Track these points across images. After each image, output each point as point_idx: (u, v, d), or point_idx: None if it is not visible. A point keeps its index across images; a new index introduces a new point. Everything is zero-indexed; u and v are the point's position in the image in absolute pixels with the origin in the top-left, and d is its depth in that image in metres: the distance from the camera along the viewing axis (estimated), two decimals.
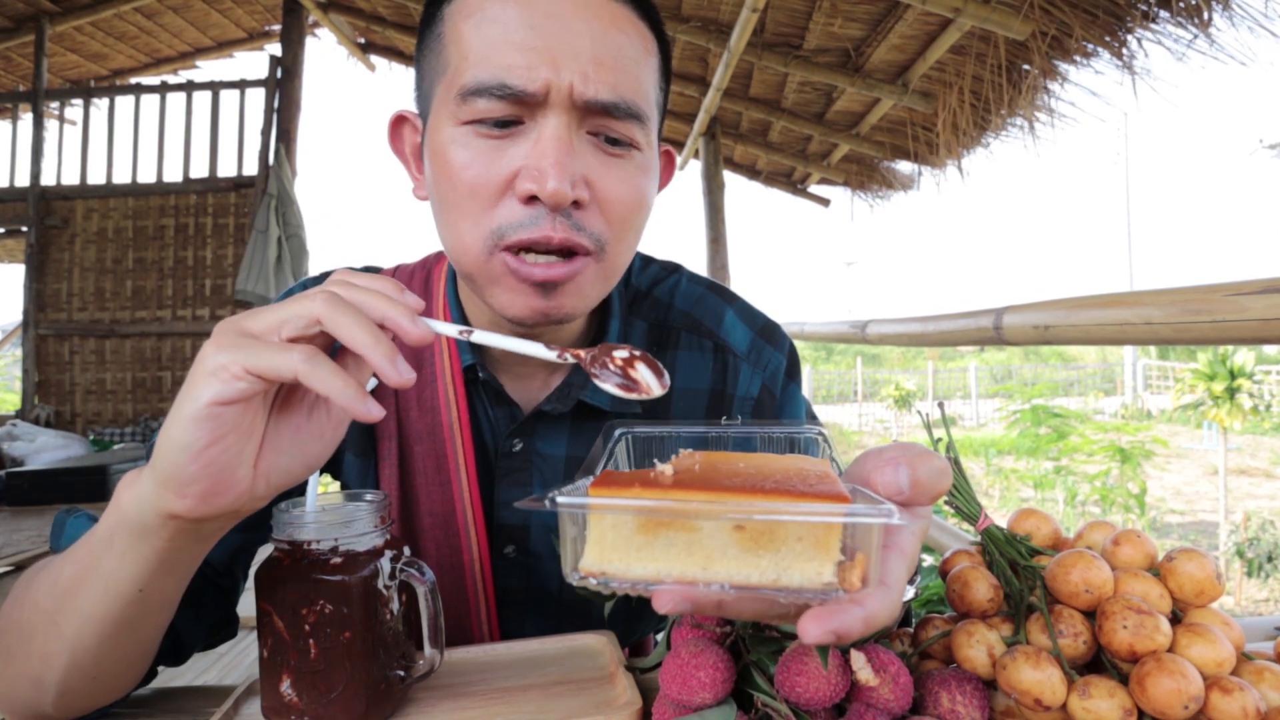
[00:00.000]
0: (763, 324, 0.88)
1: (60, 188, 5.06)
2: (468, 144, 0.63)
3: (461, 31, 0.63)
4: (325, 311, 0.46)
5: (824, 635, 0.37)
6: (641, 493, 0.38)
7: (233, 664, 2.95)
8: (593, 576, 0.39)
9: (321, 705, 0.54)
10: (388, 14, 5.09)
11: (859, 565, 0.37)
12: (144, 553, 0.50)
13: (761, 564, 0.38)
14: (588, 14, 0.62)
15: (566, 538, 0.40)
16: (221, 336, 0.45)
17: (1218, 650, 0.49)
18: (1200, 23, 2.20)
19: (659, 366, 0.53)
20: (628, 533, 0.39)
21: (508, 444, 0.79)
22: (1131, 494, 7.34)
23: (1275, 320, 0.95)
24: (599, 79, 0.61)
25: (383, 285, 0.49)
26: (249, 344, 0.45)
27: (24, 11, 4.97)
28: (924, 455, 0.43)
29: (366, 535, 0.56)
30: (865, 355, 24.72)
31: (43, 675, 0.55)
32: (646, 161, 0.68)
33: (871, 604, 0.38)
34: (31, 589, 0.56)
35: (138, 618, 0.54)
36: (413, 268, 0.86)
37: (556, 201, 0.61)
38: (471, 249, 0.65)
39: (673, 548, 0.38)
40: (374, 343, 0.45)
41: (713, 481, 0.39)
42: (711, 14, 3.59)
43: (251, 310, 0.48)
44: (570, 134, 0.62)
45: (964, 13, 2.69)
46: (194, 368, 0.45)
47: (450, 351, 0.79)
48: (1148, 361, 21.36)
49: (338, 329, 0.45)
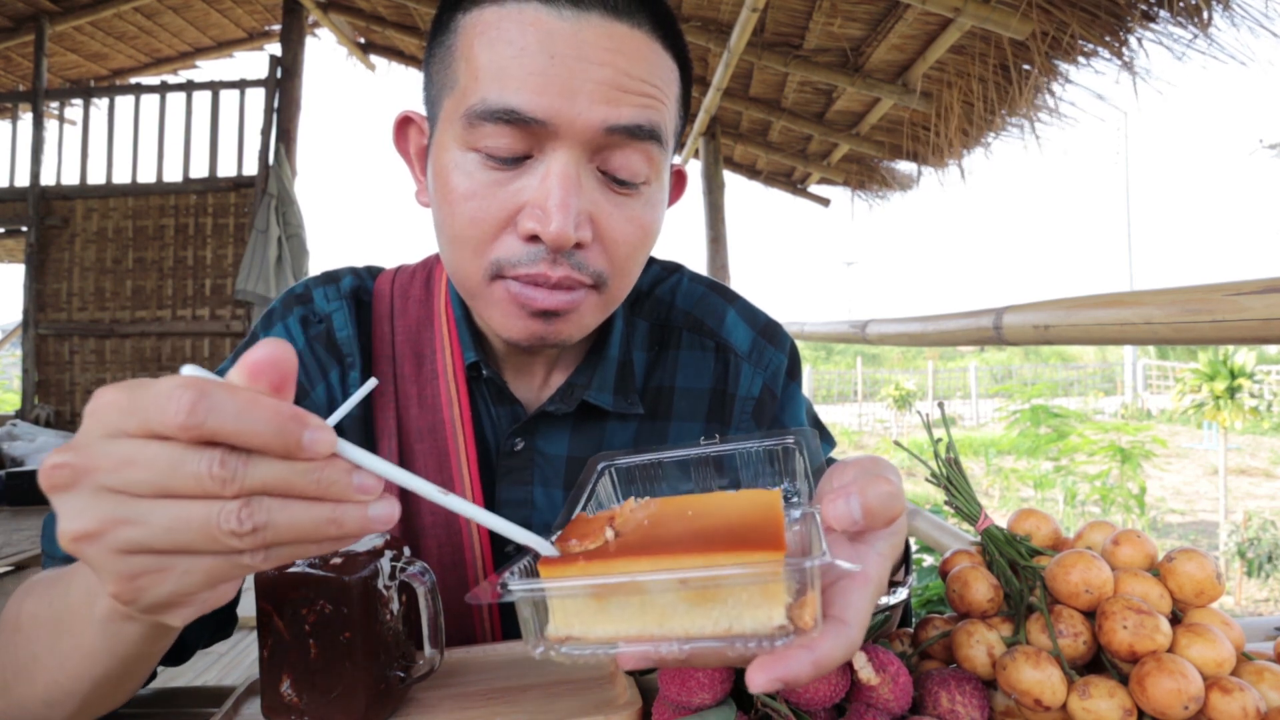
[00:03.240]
0: (764, 323, 0.88)
1: (60, 188, 5.06)
2: (472, 174, 0.62)
3: (474, 49, 0.61)
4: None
5: (770, 684, 0.37)
6: (585, 567, 0.40)
7: (233, 664, 2.96)
8: (558, 643, 0.41)
9: (321, 705, 0.54)
10: (388, 14, 5.09)
11: (810, 604, 0.38)
12: (125, 632, 0.46)
13: (713, 615, 0.39)
14: (611, 45, 0.59)
15: (524, 616, 0.41)
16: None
17: (1218, 650, 0.49)
18: (1200, 23, 2.20)
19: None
20: (582, 601, 0.40)
21: (509, 443, 0.78)
22: (1131, 494, 7.34)
23: (1275, 320, 0.95)
24: (621, 102, 0.60)
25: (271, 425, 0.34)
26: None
27: (24, 11, 4.97)
28: (874, 480, 0.43)
29: (366, 535, 0.56)
30: (865, 355, 24.72)
31: (47, 716, 0.53)
32: (655, 196, 0.67)
33: (822, 646, 0.37)
34: (21, 636, 0.52)
35: (132, 673, 0.52)
36: (414, 268, 0.86)
37: (559, 244, 0.60)
38: (472, 276, 0.65)
39: (627, 609, 0.40)
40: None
41: (655, 542, 0.41)
42: (711, 14, 3.59)
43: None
44: (578, 170, 0.61)
45: (964, 12, 2.69)
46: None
47: (453, 347, 0.78)
48: (1148, 361, 21.36)
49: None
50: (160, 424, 0.32)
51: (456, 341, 0.78)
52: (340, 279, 0.83)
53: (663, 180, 0.68)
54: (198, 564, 0.35)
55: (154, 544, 0.34)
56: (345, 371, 0.78)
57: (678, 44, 0.66)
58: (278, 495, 0.34)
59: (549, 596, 0.41)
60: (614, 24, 0.60)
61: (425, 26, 5.04)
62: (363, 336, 0.80)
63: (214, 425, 0.32)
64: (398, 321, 0.81)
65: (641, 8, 0.62)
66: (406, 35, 5.15)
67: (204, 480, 0.33)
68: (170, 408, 0.32)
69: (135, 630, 0.45)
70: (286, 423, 0.33)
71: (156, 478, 0.33)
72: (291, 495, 0.35)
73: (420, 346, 0.79)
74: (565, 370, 0.81)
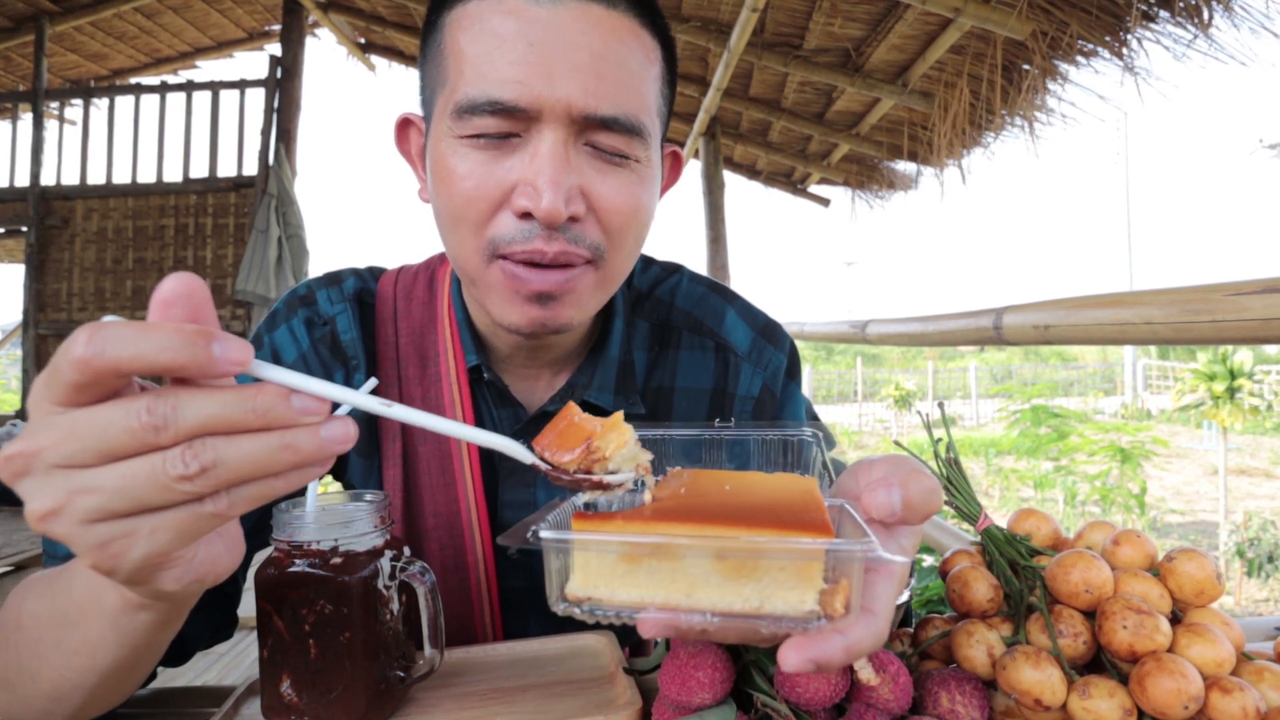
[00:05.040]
0: (764, 323, 0.88)
1: (60, 188, 5.06)
2: (465, 156, 0.63)
3: (459, 44, 0.63)
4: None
5: (803, 664, 0.37)
6: (623, 526, 0.39)
7: (233, 664, 2.96)
8: (579, 603, 0.40)
9: (321, 705, 0.54)
10: (388, 14, 5.09)
11: (842, 591, 0.37)
12: (135, 621, 0.47)
13: (744, 592, 0.38)
14: (587, 27, 0.61)
15: (551, 569, 0.40)
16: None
17: (1218, 650, 0.49)
18: (1200, 23, 2.20)
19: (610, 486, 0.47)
20: (611, 561, 0.39)
21: None
22: (1131, 494, 7.34)
23: (1275, 320, 0.95)
24: (599, 93, 0.60)
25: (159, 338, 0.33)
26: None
27: (24, 11, 4.96)
28: (915, 474, 0.43)
29: (366, 535, 0.56)
30: (865, 355, 24.72)
31: (52, 710, 0.54)
32: (646, 172, 0.67)
33: (854, 632, 0.38)
34: (24, 634, 0.53)
35: (140, 662, 0.53)
36: (416, 269, 0.86)
37: (551, 220, 0.61)
38: (471, 257, 0.65)
39: (656, 575, 0.39)
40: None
41: (694, 511, 0.40)
42: (711, 14, 3.59)
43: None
44: (566, 148, 0.61)
45: (964, 12, 2.69)
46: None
47: (455, 351, 0.79)
48: (1148, 361, 21.36)
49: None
50: (68, 372, 0.32)
51: (459, 344, 0.78)
52: (344, 280, 0.83)
53: (653, 159, 0.68)
54: (163, 520, 0.35)
55: (113, 507, 0.34)
56: (350, 374, 0.79)
57: (657, 21, 0.67)
58: (220, 433, 0.34)
59: (575, 550, 0.39)
60: (590, 5, 0.61)
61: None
62: (367, 339, 0.80)
63: (114, 352, 0.32)
64: (401, 323, 0.81)
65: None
66: (406, 35, 5.14)
67: (137, 432, 0.33)
68: (71, 351, 0.32)
69: (145, 619, 0.46)
70: (191, 337, 0.32)
71: (96, 443, 0.33)
72: (235, 431, 0.34)
73: (425, 349, 0.79)
74: (567, 372, 0.81)
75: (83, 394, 0.33)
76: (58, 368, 0.33)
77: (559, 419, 0.47)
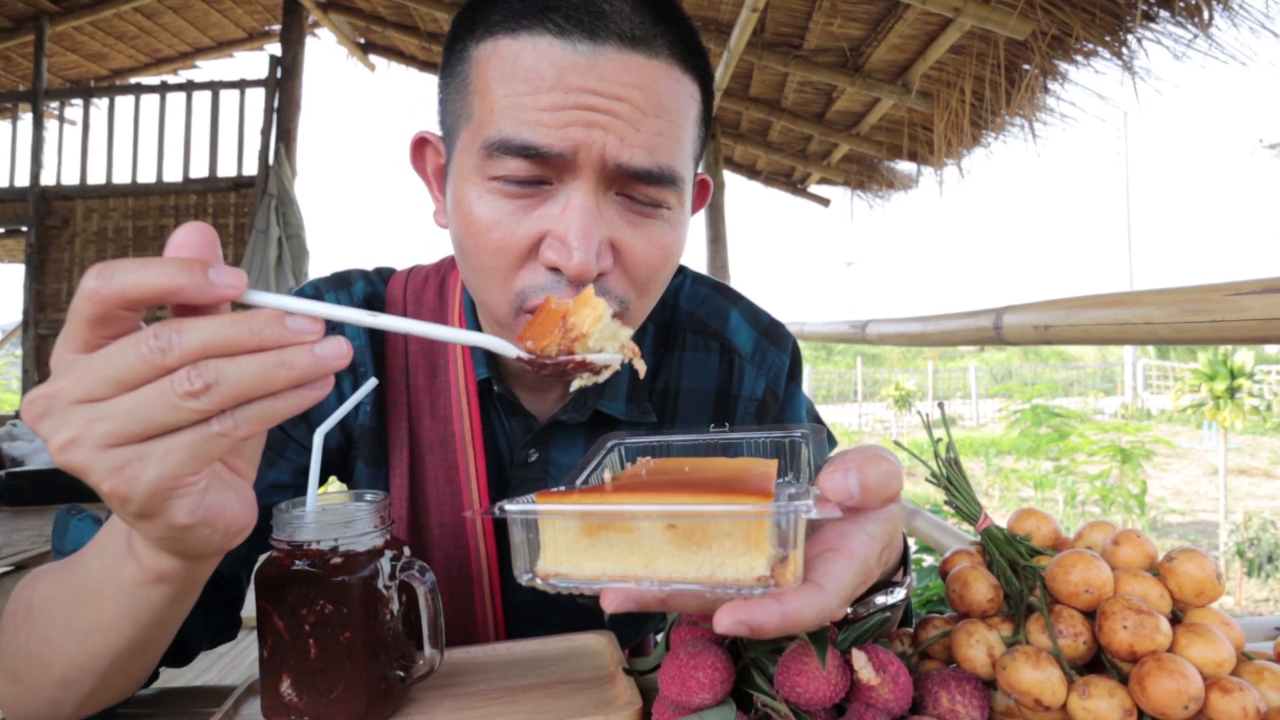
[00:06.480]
0: (767, 324, 0.88)
1: (60, 188, 5.06)
2: (493, 204, 0.61)
3: (488, 80, 0.60)
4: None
5: (735, 625, 0.38)
6: (579, 499, 0.42)
7: (233, 664, 2.96)
8: (547, 577, 0.42)
9: (321, 705, 0.54)
10: (388, 14, 5.08)
11: (792, 562, 0.39)
12: (152, 596, 0.48)
13: (697, 560, 0.40)
14: (627, 79, 0.58)
15: (515, 541, 0.43)
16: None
17: (1218, 650, 0.49)
18: (1200, 23, 2.20)
19: (596, 367, 0.53)
20: (574, 535, 0.42)
21: (523, 454, 0.78)
22: (1131, 494, 7.34)
23: (1275, 320, 0.95)
24: (635, 142, 0.59)
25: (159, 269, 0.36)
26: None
27: (24, 11, 4.96)
28: (873, 459, 0.44)
29: (366, 535, 0.56)
30: (865, 355, 24.71)
31: (61, 698, 0.54)
32: (678, 218, 0.67)
33: (793, 601, 0.38)
34: (35, 619, 0.54)
35: (153, 640, 0.54)
36: (427, 272, 0.85)
37: (581, 279, 0.60)
38: (500, 307, 0.65)
39: (615, 548, 0.41)
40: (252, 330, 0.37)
41: (649, 485, 0.42)
42: (711, 14, 3.59)
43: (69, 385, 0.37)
44: (597, 200, 0.60)
45: (964, 12, 2.69)
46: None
47: (465, 363, 0.78)
48: (1148, 361, 21.36)
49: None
50: (82, 307, 0.36)
51: (469, 356, 0.78)
52: (352, 284, 0.82)
53: (685, 201, 0.67)
54: (173, 442, 0.37)
55: (127, 431, 0.37)
56: (357, 381, 0.78)
57: (699, 62, 0.65)
58: (221, 355, 0.37)
59: (545, 522, 0.42)
60: (630, 55, 0.59)
61: (425, 27, 5.04)
62: (375, 345, 0.79)
63: (120, 281, 0.35)
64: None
65: (661, 31, 0.61)
66: (406, 35, 5.14)
67: (147, 356, 0.36)
68: (85, 288, 0.36)
69: (160, 593, 0.48)
70: (189, 265, 0.36)
71: (109, 373, 0.36)
72: (235, 352, 0.37)
73: (434, 357, 0.79)
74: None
75: (96, 330, 0.37)
76: (74, 309, 0.36)
77: (537, 311, 0.51)
